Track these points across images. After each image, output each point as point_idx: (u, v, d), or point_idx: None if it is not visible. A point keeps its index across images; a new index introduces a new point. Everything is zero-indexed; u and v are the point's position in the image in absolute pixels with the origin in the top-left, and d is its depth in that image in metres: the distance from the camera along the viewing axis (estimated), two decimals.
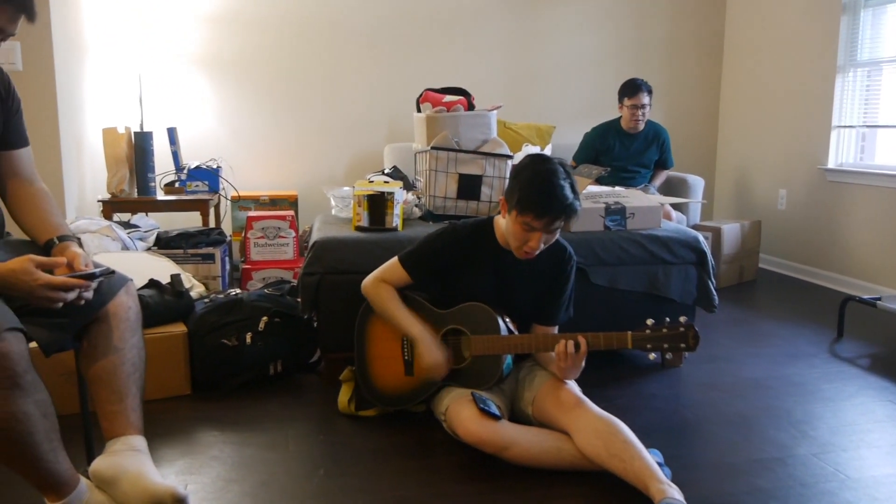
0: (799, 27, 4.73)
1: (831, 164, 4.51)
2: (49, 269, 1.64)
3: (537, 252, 2.16)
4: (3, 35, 1.68)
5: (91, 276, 1.69)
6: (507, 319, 2.28)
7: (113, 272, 1.80)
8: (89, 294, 1.71)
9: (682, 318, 2.08)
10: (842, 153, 4.51)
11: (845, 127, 4.48)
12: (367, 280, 2.41)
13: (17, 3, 1.65)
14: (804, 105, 4.71)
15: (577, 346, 2.09)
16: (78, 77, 4.01)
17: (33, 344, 1.62)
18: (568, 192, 2.08)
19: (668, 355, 2.05)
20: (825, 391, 2.79)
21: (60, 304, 1.64)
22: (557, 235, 2.20)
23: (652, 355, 2.10)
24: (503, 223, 2.25)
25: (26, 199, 1.90)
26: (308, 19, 4.73)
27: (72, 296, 1.66)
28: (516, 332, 2.29)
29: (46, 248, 1.81)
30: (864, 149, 4.45)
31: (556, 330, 2.40)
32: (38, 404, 1.54)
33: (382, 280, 2.38)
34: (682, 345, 2.06)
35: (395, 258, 2.38)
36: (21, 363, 1.50)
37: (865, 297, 3.46)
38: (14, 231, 1.93)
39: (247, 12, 4.64)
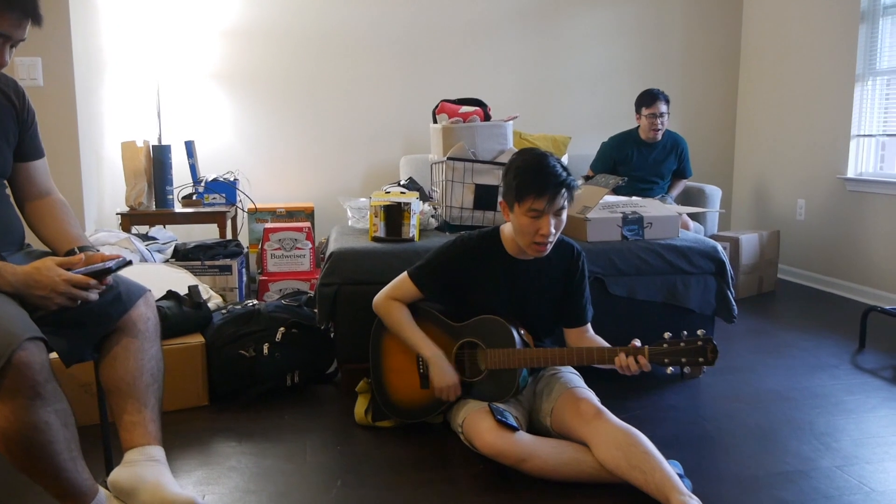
0: (816, 36, 4.70)
1: (851, 174, 4.47)
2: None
3: (551, 240, 2.15)
4: (12, 41, 1.68)
5: (108, 271, 1.71)
6: (522, 331, 2.27)
7: (130, 262, 1.80)
8: (110, 280, 1.74)
9: (700, 332, 2.06)
10: (861, 162, 4.47)
11: (865, 136, 4.44)
12: (378, 297, 2.40)
13: (21, 8, 1.64)
14: (822, 114, 4.67)
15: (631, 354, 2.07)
16: (97, 92, 4.06)
17: (53, 354, 1.63)
18: (560, 170, 2.11)
19: (686, 369, 2.02)
20: (848, 403, 2.75)
21: (78, 302, 1.66)
22: (564, 220, 2.18)
23: (670, 369, 2.08)
24: (510, 230, 2.25)
25: (44, 211, 1.93)
26: (324, 33, 4.77)
27: (93, 296, 1.67)
28: (531, 345, 2.28)
29: None
30: (884, 158, 4.41)
31: (588, 329, 2.39)
32: (59, 414, 1.54)
33: (393, 298, 2.37)
34: (701, 359, 2.03)
35: (405, 273, 2.37)
36: (42, 373, 1.51)
37: (888, 307, 3.41)
38: (33, 242, 1.95)
39: (264, 27, 4.68)
